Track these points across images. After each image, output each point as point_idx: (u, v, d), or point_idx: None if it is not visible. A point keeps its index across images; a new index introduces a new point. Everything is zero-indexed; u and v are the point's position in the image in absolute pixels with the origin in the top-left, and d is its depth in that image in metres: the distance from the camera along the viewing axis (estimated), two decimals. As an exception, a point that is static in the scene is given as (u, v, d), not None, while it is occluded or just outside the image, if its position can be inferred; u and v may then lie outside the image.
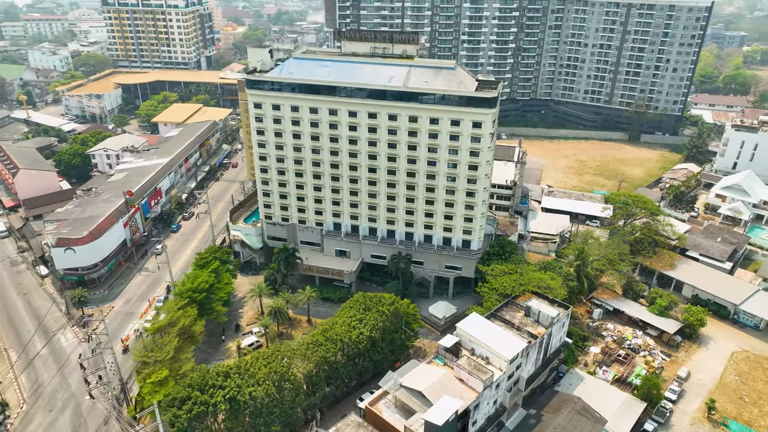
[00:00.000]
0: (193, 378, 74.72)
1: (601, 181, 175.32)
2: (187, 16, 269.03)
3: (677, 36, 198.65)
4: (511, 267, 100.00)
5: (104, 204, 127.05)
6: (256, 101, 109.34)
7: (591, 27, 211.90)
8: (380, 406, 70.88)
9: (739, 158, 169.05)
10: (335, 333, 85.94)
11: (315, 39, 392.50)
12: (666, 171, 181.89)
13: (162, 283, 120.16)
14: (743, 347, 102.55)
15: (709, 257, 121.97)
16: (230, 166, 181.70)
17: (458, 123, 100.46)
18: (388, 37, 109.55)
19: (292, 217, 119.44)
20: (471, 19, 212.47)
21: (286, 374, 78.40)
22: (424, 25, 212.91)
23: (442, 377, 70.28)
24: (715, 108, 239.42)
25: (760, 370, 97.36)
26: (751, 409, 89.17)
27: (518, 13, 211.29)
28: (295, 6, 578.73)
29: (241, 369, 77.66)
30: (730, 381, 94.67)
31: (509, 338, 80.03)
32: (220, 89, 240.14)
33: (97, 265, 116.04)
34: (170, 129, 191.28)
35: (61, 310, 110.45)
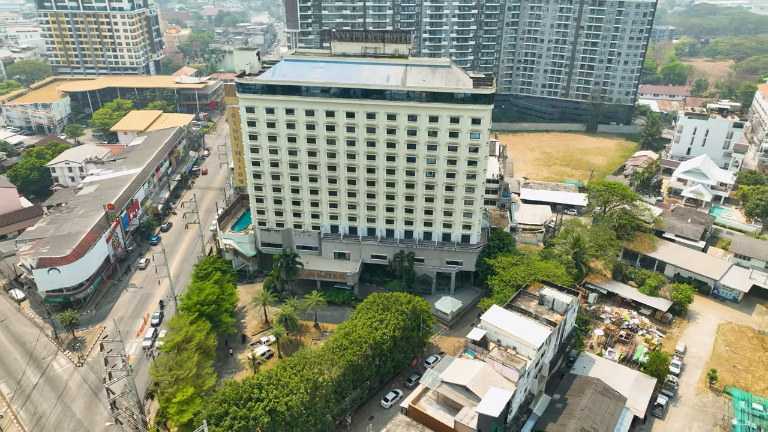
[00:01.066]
0: (227, 393, 72.31)
1: (569, 171, 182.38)
2: (133, 19, 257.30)
3: (627, 30, 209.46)
4: (517, 258, 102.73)
5: (82, 219, 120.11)
6: (249, 105, 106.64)
7: (546, 23, 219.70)
8: (422, 403, 71.32)
9: (693, 144, 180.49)
10: (358, 335, 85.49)
11: (263, 40, 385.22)
12: (627, 158, 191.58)
13: (152, 298, 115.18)
14: (727, 319, 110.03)
15: (684, 237, 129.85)
16: (200, 173, 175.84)
17: (457, 120, 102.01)
18: (379, 36, 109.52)
19: (287, 222, 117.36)
20: (432, 18, 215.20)
21: (319, 381, 77.30)
22: (386, 24, 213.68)
23: (482, 370, 71.53)
24: (659, 98, 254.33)
25: (745, 339, 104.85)
26: (745, 375, 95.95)
27: (477, 10, 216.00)
28: (234, 7, 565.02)
29: (273, 379, 75.88)
30: (722, 351, 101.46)
31: (532, 327, 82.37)
32: (176, 94, 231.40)
33: (82, 285, 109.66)
34: (132, 138, 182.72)
35: (48, 335, 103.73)
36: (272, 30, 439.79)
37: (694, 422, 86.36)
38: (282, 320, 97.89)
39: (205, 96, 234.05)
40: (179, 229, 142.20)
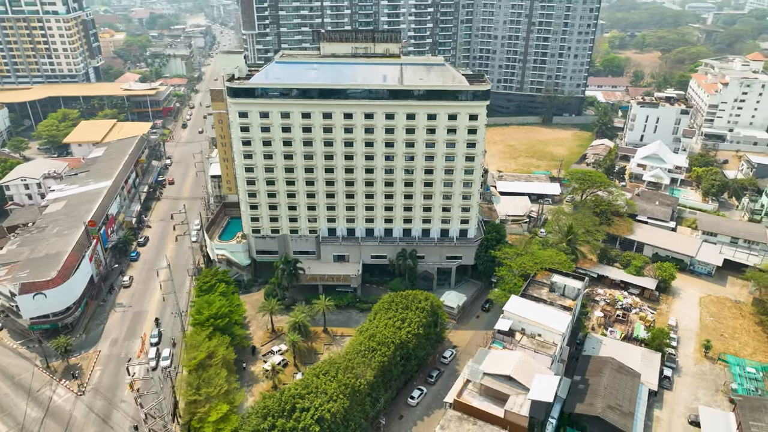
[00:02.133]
0: (269, 405, 70.32)
1: (534, 162, 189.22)
2: (69, 23, 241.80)
3: (575, 25, 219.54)
4: (521, 248, 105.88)
5: (59, 239, 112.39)
6: (242, 110, 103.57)
7: (499, 20, 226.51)
8: (466, 396, 72.39)
9: (645, 131, 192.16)
10: (384, 336, 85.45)
11: (203, 42, 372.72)
12: (584, 147, 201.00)
13: (145, 316, 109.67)
14: (706, 292, 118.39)
15: (655, 219, 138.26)
16: (166, 183, 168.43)
17: (455, 117, 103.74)
18: (369, 36, 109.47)
19: (283, 228, 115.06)
20: (389, 16, 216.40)
21: (356, 385, 76.67)
22: (344, 24, 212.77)
23: (521, 359, 73.51)
24: (603, 89, 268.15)
25: (725, 309, 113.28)
26: (732, 343, 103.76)
27: (433, 9, 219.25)
28: (164, 9, 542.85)
29: (310, 387, 74.53)
30: (708, 322, 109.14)
31: (552, 313, 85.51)
32: (126, 102, 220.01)
33: (69, 309, 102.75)
34: (88, 149, 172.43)
35: (38, 365, 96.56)
36: (211, 32, 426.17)
37: (699, 390, 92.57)
38: (295, 327, 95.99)
39: (157, 102, 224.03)
40: (157, 243, 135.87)
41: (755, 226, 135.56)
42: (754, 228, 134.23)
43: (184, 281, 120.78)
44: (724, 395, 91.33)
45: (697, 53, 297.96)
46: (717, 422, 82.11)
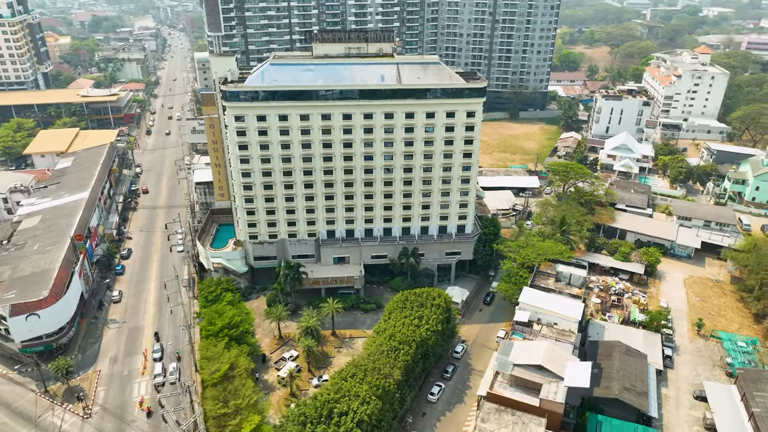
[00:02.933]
0: (307, 412, 69.23)
1: (509, 156, 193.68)
2: (15, 27, 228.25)
3: (538, 23, 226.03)
4: (522, 241, 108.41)
5: (42, 256, 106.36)
6: (238, 114, 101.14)
7: (464, 18, 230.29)
8: (497, 388, 73.67)
9: (610, 123, 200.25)
10: (404, 335, 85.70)
11: (155, 45, 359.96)
12: (552, 141, 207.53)
13: (142, 331, 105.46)
14: (689, 274, 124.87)
15: (634, 207, 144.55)
16: (140, 192, 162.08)
17: (453, 114, 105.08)
18: (363, 36, 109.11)
19: (281, 233, 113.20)
20: (356, 16, 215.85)
21: (386, 385, 76.60)
22: (312, 24, 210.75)
23: (548, 349, 75.46)
24: (562, 83, 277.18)
25: (708, 289, 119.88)
26: (719, 320, 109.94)
27: (399, 8, 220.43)
28: (107, 11, 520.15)
29: (342, 390, 73.89)
30: (695, 302, 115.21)
31: (564, 302, 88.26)
32: (86, 109, 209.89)
33: (63, 329, 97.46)
34: (51, 160, 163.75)
35: (34, 390, 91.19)
36: (160, 35, 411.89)
37: (698, 366, 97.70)
38: (308, 332, 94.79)
39: (118, 109, 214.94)
40: (142, 255, 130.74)
41: (725, 210, 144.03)
42: (724, 211, 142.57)
43: (177, 293, 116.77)
44: (721, 369, 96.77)
45: (644, 48, 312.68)
46: (721, 395, 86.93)
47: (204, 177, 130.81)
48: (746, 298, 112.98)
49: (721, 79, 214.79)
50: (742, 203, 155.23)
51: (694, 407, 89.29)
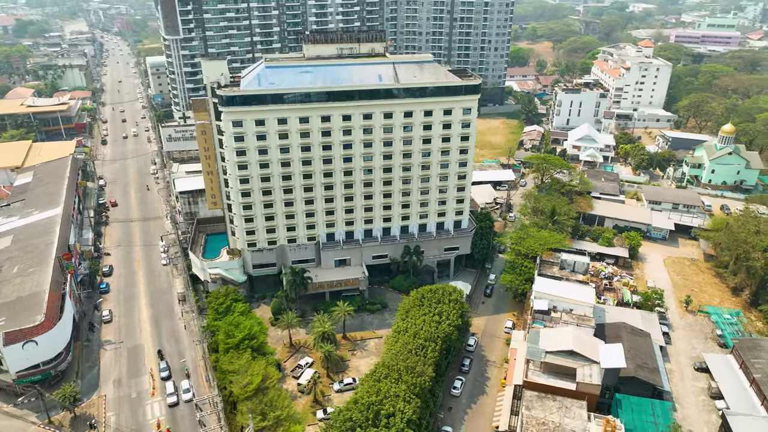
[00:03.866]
0: (353, 417, 68.50)
1: (478, 151, 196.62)
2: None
3: (494, 20, 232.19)
4: (523, 232, 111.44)
5: (25, 278, 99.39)
6: (236, 119, 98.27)
7: (423, 17, 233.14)
8: (532, 376, 75.69)
9: (570, 115, 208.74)
10: (427, 332, 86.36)
11: (93, 51, 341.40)
12: (515, 134, 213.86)
13: (142, 350, 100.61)
14: (667, 255, 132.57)
15: (607, 194, 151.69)
16: (109, 205, 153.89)
17: (450, 111, 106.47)
18: (354, 37, 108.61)
19: (280, 239, 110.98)
20: (317, 16, 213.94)
21: (422, 383, 77.00)
22: (272, 24, 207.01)
23: (575, 334, 78.28)
24: (515, 78, 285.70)
25: (686, 267, 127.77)
26: (702, 295, 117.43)
27: (359, 7, 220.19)
28: (30, 14, 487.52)
29: (381, 392, 73.65)
30: (677, 280, 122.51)
31: (576, 288, 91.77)
32: (33, 120, 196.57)
33: (61, 354, 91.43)
34: (5, 176, 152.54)
35: (35, 422, 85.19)
36: (95, 39, 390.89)
37: (692, 340, 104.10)
38: (326, 337, 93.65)
39: (69, 119, 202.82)
40: (125, 271, 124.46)
41: (690, 193, 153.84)
42: (689, 194, 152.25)
43: (171, 307, 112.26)
44: (713, 341, 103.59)
45: (587, 43, 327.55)
46: (721, 365, 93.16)
47: (187, 186, 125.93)
48: (723, 273, 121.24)
49: (665, 70, 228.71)
50: (700, 186, 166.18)
51: (697, 378, 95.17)
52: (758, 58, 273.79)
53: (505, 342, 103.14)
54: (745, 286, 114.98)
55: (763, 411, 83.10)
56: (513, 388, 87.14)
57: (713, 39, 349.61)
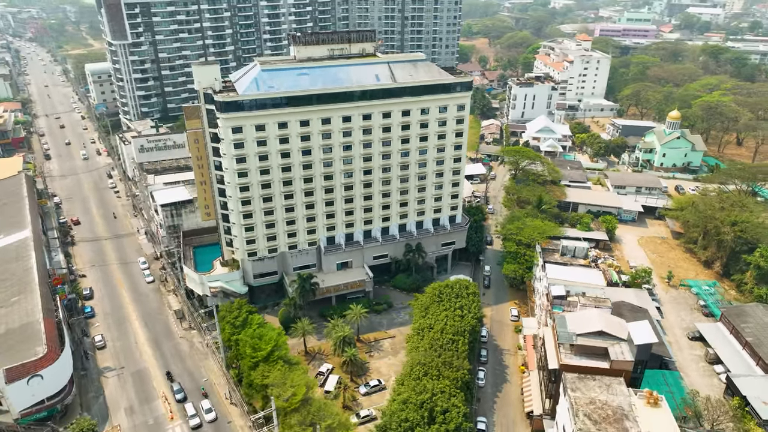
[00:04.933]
0: (409, 417, 68.41)
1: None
2: None
3: (444, 18, 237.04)
4: (520, 223, 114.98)
5: (10, 308, 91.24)
6: (236, 125, 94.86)
7: (374, 16, 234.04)
8: (565, 359, 78.55)
9: (525, 108, 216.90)
10: (453, 326, 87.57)
11: (9, 58, 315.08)
12: (475, 129, 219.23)
13: (148, 374, 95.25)
14: (639, 235, 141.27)
15: (576, 182, 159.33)
16: (71, 224, 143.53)
17: (446, 109, 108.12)
18: (345, 37, 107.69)
19: (281, 246, 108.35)
20: (270, 17, 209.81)
21: (462, 377, 78.13)
22: (225, 27, 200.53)
23: (601, 316, 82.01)
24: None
25: (658, 245, 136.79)
26: (677, 270, 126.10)
27: (311, 7, 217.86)
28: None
29: (427, 390, 74.04)
30: (654, 258, 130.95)
31: (584, 272, 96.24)
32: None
33: (65, 387, 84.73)
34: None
35: (47, 463, 78.80)
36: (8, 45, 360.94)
37: (680, 312, 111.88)
38: (346, 341, 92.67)
39: (4, 133, 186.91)
40: (108, 292, 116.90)
41: (650, 176, 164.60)
42: (650, 178, 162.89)
43: (168, 326, 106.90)
44: (698, 312, 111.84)
45: (523, 38, 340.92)
46: (714, 333, 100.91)
47: (169, 198, 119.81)
48: (693, 248, 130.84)
49: (605, 62, 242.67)
50: (652, 169, 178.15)
51: (693, 347, 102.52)
52: (679, 49, 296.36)
53: (514, 330, 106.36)
54: (715, 258, 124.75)
55: (759, 370, 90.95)
56: (537, 373, 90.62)
57: (633, 32, 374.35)
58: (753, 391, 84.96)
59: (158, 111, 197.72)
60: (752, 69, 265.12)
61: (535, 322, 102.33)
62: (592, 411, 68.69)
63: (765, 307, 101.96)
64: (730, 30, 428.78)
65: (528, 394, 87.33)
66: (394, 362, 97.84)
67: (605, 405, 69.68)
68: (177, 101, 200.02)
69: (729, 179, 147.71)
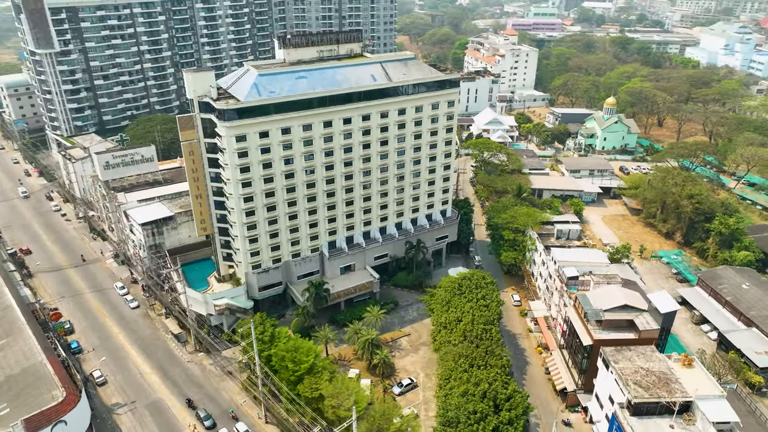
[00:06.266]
0: (477, 408, 69.67)
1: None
2: None
3: (381, 17, 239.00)
4: (513, 211, 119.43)
5: (1, 352, 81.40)
6: (239, 133, 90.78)
7: (311, 16, 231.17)
8: (596, 335, 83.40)
9: (468, 101, 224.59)
10: (482, 316, 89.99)
11: None
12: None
13: (164, 405, 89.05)
14: (601, 214, 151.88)
15: (536, 169, 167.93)
16: (21, 253, 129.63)
17: (437, 106, 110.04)
18: (334, 38, 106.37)
19: (284, 255, 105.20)
20: (207, 20, 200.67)
21: (507, 363, 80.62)
22: (161, 32, 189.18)
23: (620, 291, 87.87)
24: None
25: (620, 222, 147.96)
26: (644, 243, 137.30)
27: (249, 9, 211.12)
28: None
29: (481, 381, 75.72)
30: (620, 234, 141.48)
31: (586, 252, 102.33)
32: None
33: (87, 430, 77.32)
34: None
35: None
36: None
37: (658, 281, 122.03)
38: (375, 344, 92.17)
39: None
40: (90, 324, 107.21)
41: (598, 160, 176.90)
42: (598, 161, 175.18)
43: (170, 351, 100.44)
44: (673, 279, 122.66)
45: (446, 35, 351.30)
46: (695, 296, 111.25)
47: (149, 216, 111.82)
48: (653, 222, 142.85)
49: (533, 54, 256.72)
50: (595, 152, 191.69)
51: (679, 312, 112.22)
52: (592, 40, 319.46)
53: (519, 314, 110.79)
54: (675, 230, 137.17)
55: (742, 325, 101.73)
56: (558, 352, 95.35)
57: (542, 26, 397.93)
58: (744, 343, 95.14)
59: (93, 124, 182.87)
60: (657, 57, 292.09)
61: (541, 305, 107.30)
62: (640, 379, 73.73)
63: (733, 269, 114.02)
64: (622, 22, 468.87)
65: (555, 372, 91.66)
66: (417, 359, 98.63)
67: (649, 371, 75.04)
68: (114, 113, 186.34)
69: (668, 157, 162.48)
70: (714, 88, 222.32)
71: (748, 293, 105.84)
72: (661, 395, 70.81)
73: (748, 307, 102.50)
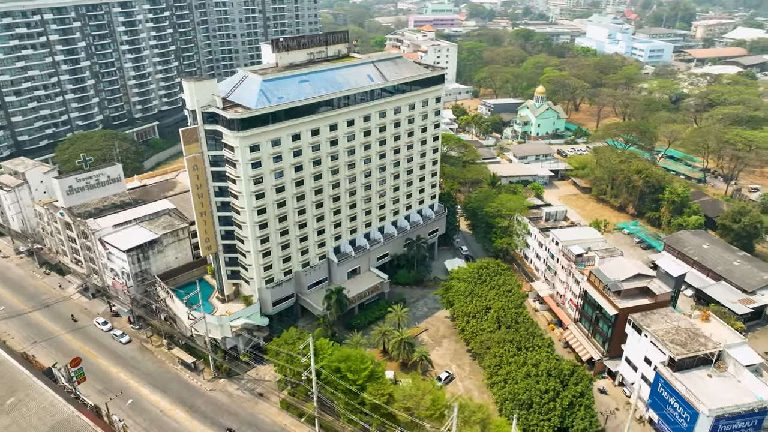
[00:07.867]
0: (550, 386, 72.76)
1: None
2: None
3: (305, 16, 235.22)
4: (499, 200, 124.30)
5: (15, 412, 70.95)
6: (253, 143, 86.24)
7: (235, 18, 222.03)
8: (620, 304, 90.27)
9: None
10: (509, 301, 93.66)
11: None
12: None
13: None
14: (556, 195, 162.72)
15: (488, 158, 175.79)
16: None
17: (427, 102, 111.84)
18: (323, 40, 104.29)
19: (294, 266, 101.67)
20: (126, 25, 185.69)
21: (550, 341, 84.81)
22: (76, 39, 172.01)
23: (628, 262, 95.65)
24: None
25: (575, 200, 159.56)
26: (600, 218, 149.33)
27: (169, 12, 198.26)
28: None
29: (531, 370, 78.87)
30: (579, 212, 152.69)
31: (580, 231, 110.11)
32: None
33: (135, 481, 69.92)
34: None
35: None
36: None
37: (627, 250, 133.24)
38: (409, 343, 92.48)
39: None
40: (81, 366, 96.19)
41: (541, 145, 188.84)
42: (541, 146, 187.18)
43: (185, 382, 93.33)
44: (639, 247, 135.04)
45: (359, 33, 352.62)
46: (665, 260, 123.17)
47: (132, 241, 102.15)
48: (605, 198, 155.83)
49: (453, 49, 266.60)
50: (530, 139, 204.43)
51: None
52: (498, 34, 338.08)
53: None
54: (627, 203, 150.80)
55: (711, 280, 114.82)
56: (575, 326, 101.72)
57: (442, 21, 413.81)
58: (721, 295, 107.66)
59: (7, 147, 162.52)
60: (559, 48, 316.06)
61: (543, 285, 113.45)
62: (674, 337, 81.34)
63: (690, 232, 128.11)
64: (510, 16, 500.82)
65: (577, 345, 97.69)
66: (443, 352, 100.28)
67: (678, 330, 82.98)
68: (29, 132, 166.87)
69: (606, 138, 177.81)
70: (618, 73, 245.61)
71: (710, 252, 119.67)
72: (698, 349, 78.77)
73: (714, 263, 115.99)
